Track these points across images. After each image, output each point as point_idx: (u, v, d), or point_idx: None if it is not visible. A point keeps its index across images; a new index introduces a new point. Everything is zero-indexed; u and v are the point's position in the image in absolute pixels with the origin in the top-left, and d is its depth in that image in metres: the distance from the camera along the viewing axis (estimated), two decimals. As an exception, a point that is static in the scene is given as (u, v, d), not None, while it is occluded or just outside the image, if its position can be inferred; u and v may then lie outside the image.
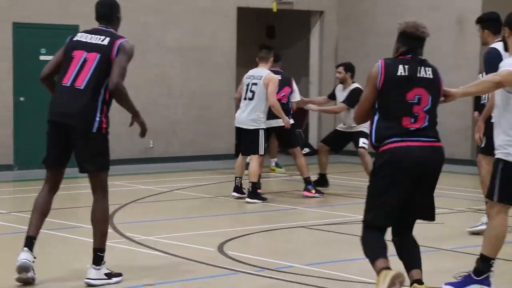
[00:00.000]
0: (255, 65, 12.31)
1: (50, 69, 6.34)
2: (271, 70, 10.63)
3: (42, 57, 13.92)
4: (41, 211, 6.29)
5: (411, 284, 5.28)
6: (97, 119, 6.02)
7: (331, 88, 16.79)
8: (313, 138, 16.88)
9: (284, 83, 11.33)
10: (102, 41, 6.10)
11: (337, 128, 11.42)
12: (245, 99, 10.38)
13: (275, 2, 16.06)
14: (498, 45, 7.17)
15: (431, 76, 5.36)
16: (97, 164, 6.13)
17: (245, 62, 14.69)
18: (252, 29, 17.72)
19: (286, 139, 11.06)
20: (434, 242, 7.83)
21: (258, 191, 10.35)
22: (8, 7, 13.50)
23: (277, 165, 13.35)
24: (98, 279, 6.10)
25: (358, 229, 6.46)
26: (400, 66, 5.28)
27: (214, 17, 15.44)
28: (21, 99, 13.52)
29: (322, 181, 11.23)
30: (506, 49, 5.96)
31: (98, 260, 6.15)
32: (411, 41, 5.40)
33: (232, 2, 15.61)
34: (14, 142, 13.57)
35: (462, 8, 14.89)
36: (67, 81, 6.10)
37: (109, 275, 6.18)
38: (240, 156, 10.66)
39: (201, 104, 15.14)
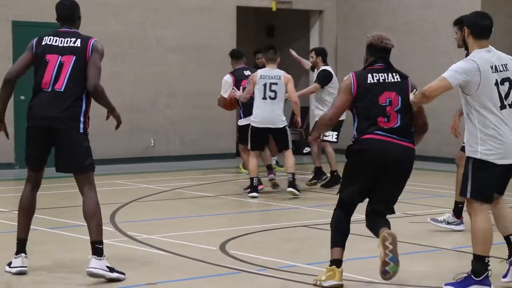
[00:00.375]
0: (253, 64, 12.29)
1: (18, 72, 6.39)
2: (238, 68, 11.32)
3: (42, 56, 13.94)
4: (28, 211, 6.45)
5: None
6: (81, 119, 6.18)
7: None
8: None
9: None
10: (74, 43, 6.24)
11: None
12: (264, 98, 10.55)
13: (275, 1, 16.08)
14: None
15: (398, 80, 6.07)
16: (86, 164, 6.28)
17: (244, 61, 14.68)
18: (251, 28, 17.73)
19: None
20: (435, 241, 7.86)
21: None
22: (7, 5, 13.52)
23: (277, 163, 13.37)
24: (99, 268, 6.11)
25: (359, 228, 6.50)
26: (369, 75, 6.08)
27: (214, 16, 15.45)
28: (22, 97, 13.52)
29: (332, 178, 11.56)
30: (466, 48, 6.50)
31: (98, 251, 6.17)
32: (378, 51, 6.18)
33: (232, 1, 15.63)
34: (14, 140, 13.57)
35: (460, 7, 14.91)
36: (46, 86, 6.20)
37: (111, 269, 6.19)
38: (254, 157, 10.68)
39: (201, 103, 15.15)
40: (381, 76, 6.06)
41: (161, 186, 11.68)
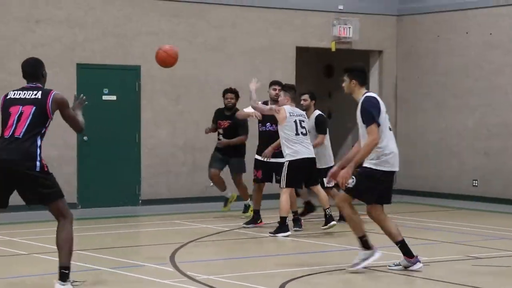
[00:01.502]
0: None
1: None
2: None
3: (105, 97, 14.23)
4: None
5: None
6: (38, 159, 6.75)
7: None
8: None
9: None
10: (35, 95, 6.88)
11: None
12: (297, 134, 10.75)
13: (334, 41, 16.15)
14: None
15: None
16: (47, 196, 6.82)
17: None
18: (310, 68, 17.80)
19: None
20: (497, 284, 7.71)
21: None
22: (72, 48, 13.85)
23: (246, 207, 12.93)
24: None
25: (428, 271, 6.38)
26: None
27: (273, 56, 15.58)
28: (85, 138, 13.80)
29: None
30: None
31: (63, 276, 6.80)
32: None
33: (291, 41, 15.75)
34: (78, 180, 13.84)
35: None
36: (7, 133, 6.81)
37: None
38: (289, 194, 10.78)
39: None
40: None
41: (220, 226, 11.72)
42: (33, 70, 7.04)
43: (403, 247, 8.18)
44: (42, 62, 7.11)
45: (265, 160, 11.39)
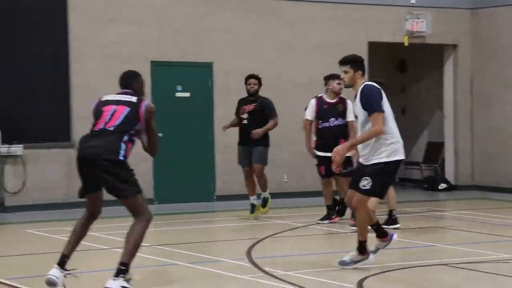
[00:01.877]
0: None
1: None
2: None
3: (178, 94, 14.35)
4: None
5: None
6: (121, 154, 6.88)
7: (467, 123, 16.58)
8: (450, 173, 16.56)
9: None
10: (130, 99, 7.11)
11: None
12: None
13: (407, 36, 15.96)
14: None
15: None
16: (120, 190, 6.83)
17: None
18: (382, 63, 17.63)
19: None
20: None
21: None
22: (147, 46, 14.00)
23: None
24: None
25: (504, 269, 6.27)
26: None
27: (345, 52, 15.26)
28: (160, 134, 13.91)
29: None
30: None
31: (118, 272, 6.67)
32: None
33: (363, 36, 15.62)
34: (153, 176, 13.99)
35: None
36: (98, 126, 7.02)
37: None
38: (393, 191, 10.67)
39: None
40: None
41: (296, 222, 11.69)
42: (126, 82, 7.29)
43: (378, 229, 8.11)
44: (138, 75, 7.34)
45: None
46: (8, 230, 11.75)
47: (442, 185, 15.43)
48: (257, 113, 11.95)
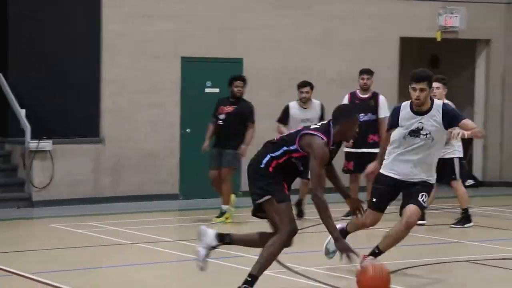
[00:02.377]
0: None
1: None
2: None
3: (207, 90, 14.38)
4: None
5: None
6: (265, 160, 7.08)
7: (498, 119, 16.40)
8: (478, 169, 16.41)
9: None
10: None
11: None
12: None
13: (440, 31, 15.81)
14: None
15: None
16: (254, 195, 6.90)
17: (407, 91, 14.52)
18: (414, 58, 17.50)
19: None
20: None
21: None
22: (177, 42, 14.05)
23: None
24: None
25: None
26: None
27: (376, 47, 15.38)
28: (188, 130, 13.98)
29: None
30: None
31: (245, 282, 6.57)
32: None
33: (395, 32, 15.52)
34: (180, 172, 14.03)
35: None
36: None
37: None
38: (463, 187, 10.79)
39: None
40: None
41: (317, 217, 11.61)
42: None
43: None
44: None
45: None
46: (34, 224, 11.90)
47: (469, 181, 15.26)
48: (235, 116, 11.36)
